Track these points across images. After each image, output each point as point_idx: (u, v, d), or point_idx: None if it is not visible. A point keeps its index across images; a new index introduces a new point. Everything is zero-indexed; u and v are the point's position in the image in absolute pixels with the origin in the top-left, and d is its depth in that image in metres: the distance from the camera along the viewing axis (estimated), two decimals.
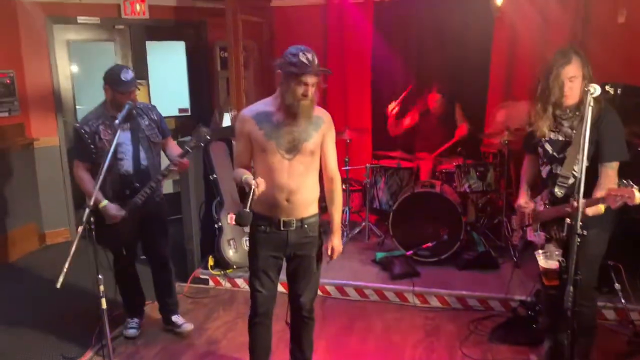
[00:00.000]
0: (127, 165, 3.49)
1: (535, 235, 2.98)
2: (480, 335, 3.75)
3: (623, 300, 3.72)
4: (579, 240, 2.19)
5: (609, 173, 2.76)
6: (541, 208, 3.03)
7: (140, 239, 3.73)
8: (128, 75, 3.36)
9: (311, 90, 2.61)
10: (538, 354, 3.40)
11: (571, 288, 2.11)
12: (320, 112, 2.83)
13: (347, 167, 5.19)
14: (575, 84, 2.75)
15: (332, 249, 2.94)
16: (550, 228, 2.92)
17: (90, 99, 6.19)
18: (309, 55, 2.56)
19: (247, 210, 2.50)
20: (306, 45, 6.02)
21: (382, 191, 5.23)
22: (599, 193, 2.67)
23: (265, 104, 2.78)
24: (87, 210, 2.61)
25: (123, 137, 3.45)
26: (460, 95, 5.50)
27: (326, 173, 2.93)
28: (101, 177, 2.79)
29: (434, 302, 4.22)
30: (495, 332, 3.75)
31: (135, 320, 3.87)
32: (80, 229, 2.58)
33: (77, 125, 3.45)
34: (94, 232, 2.64)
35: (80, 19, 5.69)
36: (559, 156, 2.91)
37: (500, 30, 5.48)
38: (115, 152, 3.40)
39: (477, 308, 4.13)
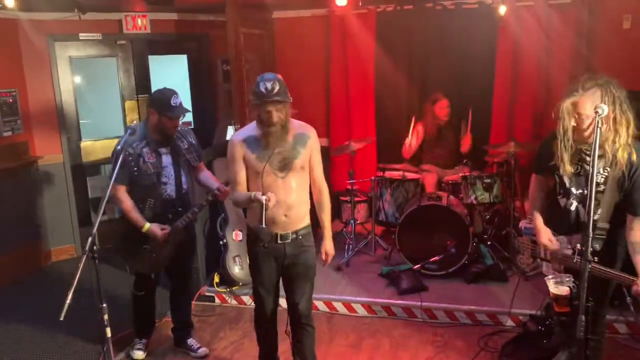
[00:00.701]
0: (170, 189, 3.50)
1: (565, 281, 2.68)
2: (490, 352, 3.70)
3: (635, 314, 3.67)
4: (589, 267, 2.13)
5: None
6: (567, 252, 2.79)
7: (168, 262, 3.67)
8: (177, 100, 3.35)
9: (276, 116, 2.80)
10: None
11: (583, 317, 2.06)
12: (305, 129, 3.03)
13: (352, 180, 5.15)
14: (585, 120, 2.53)
15: (326, 253, 3.12)
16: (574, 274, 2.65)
17: (94, 114, 6.22)
18: (268, 85, 2.76)
19: (264, 226, 2.71)
20: (308, 56, 6.06)
21: (388, 203, 5.18)
22: None
23: (251, 129, 2.97)
24: (89, 239, 2.58)
25: (165, 161, 3.46)
26: (465, 106, 5.44)
27: (314, 185, 3.11)
28: (105, 197, 2.79)
29: (443, 318, 4.18)
30: (506, 348, 3.70)
31: (143, 341, 3.85)
32: (83, 259, 2.54)
33: (120, 147, 3.31)
34: (96, 261, 2.60)
35: (82, 36, 5.68)
36: (577, 192, 2.74)
37: (503, 40, 5.43)
38: (159, 175, 3.42)
39: (486, 323, 4.08)
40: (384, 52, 5.80)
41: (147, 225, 3.40)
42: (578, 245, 2.37)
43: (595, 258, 2.18)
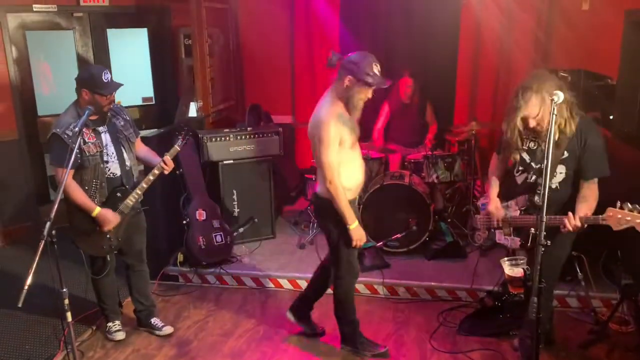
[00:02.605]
0: (114, 167, 3.44)
1: (507, 239, 3.03)
2: (449, 327, 3.82)
3: (585, 289, 3.85)
4: (543, 249, 2.22)
5: (592, 187, 2.83)
6: (516, 213, 3.05)
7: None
8: (108, 76, 3.27)
9: None
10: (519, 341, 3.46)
11: (535, 299, 2.15)
12: None
13: None
14: (539, 120, 2.78)
15: None
16: (525, 234, 2.96)
17: (51, 89, 6.01)
18: (379, 67, 2.99)
19: None
20: (272, 32, 5.94)
21: None
22: (586, 207, 2.74)
23: (333, 105, 3.07)
24: (47, 224, 2.53)
25: (105, 139, 3.41)
26: (428, 85, 5.49)
27: None
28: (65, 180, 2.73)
29: (404, 294, 4.28)
30: (464, 323, 3.82)
31: (117, 322, 3.83)
32: (41, 243, 2.50)
33: (57, 130, 3.24)
34: (56, 246, 2.57)
35: (36, 7, 5.45)
36: (536, 166, 2.94)
37: (466, 21, 5.46)
38: (102, 154, 3.37)
39: (445, 298, 4.20)
40: (348, 30, 5.77)
41: (97, 209, 3.33)
42: (532, 230, 2.47)
43: (548, 242, 2.27)
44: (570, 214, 2.69)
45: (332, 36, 5.80)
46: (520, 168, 3.04)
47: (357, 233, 3.20)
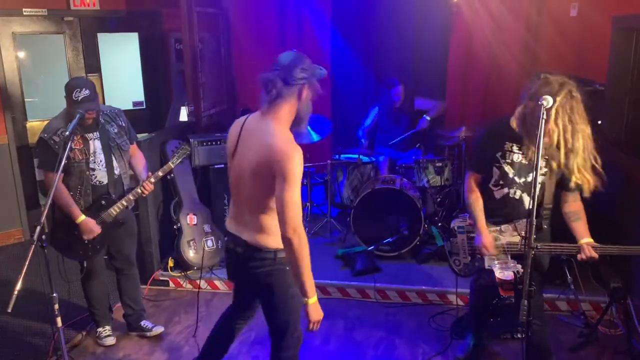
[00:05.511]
0: (101, 175, 3.41)
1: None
2: (440, 331, 3.83)
3: (575, 292, 3.88)
4: (533, 253, 2.23)
5: (578, 197, 2.74)
6: (515, 239, 2.85)
7: (108, 246, 3.62)
8: (80, 94, 3.17)
9: None
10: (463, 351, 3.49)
11: (526, 302, 2.16)
12: None
13: (309, 164, 5.17)
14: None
15: None
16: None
17: (41, 93, 5.99)
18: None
19: None
20: (264, 37, 5.91)
21: (344, 186, 5.24)
22: (582, 226, 2.69)
23: (290, 134, 2.44)
24: (37, 228, 2.52)
25: (94, 146, 3.37)
26: (419, 89, 5.52)
27: None
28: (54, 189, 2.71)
29: (395, 298, 4.29)
30: (455, 326, 3.84)
31: (107, 327, 3.80)
32: (32, 247, 2.49)
33: (45, 135, 3.23)
34: (45, 250, 2.55)
35: (26, 11, 5.44)
36: (520, 180, 2.79)
37: (457, 27, 5.48)
38: (87, 162, 3.34)
39: (436, 302, 4.22)
40: (339, 34, 5.79)
41: (82, 217, 3.32)
42: (523, 233, 2.49)
43: (538, 245, 2.29)
44: (584, 245, 2.61)
45: (324, 42, 5.81)
46: (500, 182, 2.81)
47: (316, 311, 2.41)
